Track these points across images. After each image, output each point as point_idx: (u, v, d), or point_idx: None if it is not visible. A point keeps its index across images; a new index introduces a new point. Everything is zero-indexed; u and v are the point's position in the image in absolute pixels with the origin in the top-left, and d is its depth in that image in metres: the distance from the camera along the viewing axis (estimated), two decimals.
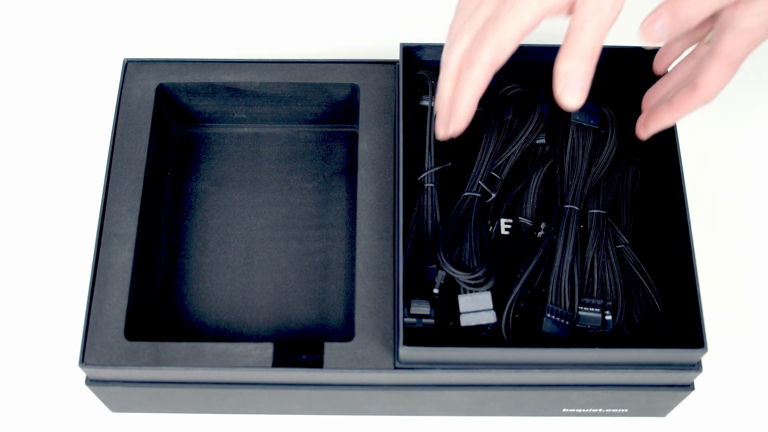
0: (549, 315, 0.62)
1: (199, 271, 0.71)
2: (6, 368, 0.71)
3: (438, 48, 0.69)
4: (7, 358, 0.72)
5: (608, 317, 0.62)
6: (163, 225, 0.72)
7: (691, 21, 0.54)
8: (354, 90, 0.72)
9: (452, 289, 0.63)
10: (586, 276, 0.64)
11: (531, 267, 0.63)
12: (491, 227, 0.66)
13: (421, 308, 0.62)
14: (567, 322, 0.62)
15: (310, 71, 0.72)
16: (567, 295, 0.62)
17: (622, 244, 0.65)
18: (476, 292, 0.62)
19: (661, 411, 0.68)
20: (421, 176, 0.65)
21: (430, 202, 0.65)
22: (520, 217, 0.66)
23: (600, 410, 0.67)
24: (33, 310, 0.73)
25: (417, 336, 0.63)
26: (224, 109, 0.74)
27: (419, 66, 0.70)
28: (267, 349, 0.62)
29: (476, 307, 0.61)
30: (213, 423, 0.69)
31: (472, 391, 0.63)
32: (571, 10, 0.53)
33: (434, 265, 0.63)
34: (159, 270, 0.70)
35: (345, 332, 0.68)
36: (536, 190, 0.66)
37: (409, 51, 0.69)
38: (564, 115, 0.67)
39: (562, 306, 0.62)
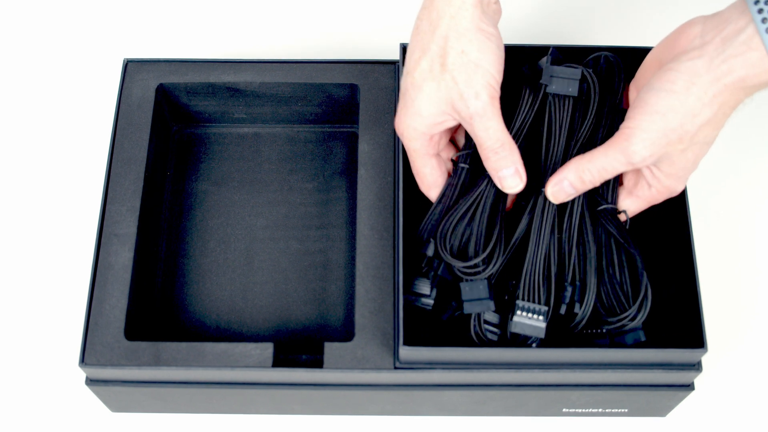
0: (520, 313, 0.59)
1: (199, 271, 0.71)
2: (6, 368, 0.71)
3: None
4: (8, 358, 0.72)
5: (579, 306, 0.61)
6: (163, 225, 0.72)
7: (595, 183, 0.60)
8: (354, 90, 0.72)
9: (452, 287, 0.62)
10: (559, 260, 0.61)
11: (507, 254, 0.61)
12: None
13: (422, 287, 0.62)
14: (540, 318, 0.59)
15: (310, 71, 0.72)
16: (541, 289, 0.60)
17: (604, 204, 0.62)
18: (474, 280, 0.60)
19: (661, 411, 0.68)
20: (457, 154, 0.64)
21: (457, 182, 0.63)
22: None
23: (600, 410, 0.67)
24: (33, 310, 0.73)
25: (417, 335, 0.63)
26: (224, 109, 0.74)
27: None
28: (267, 349, 0.62)
29: (476, 296, 0.60)
30: (213, 423, 0.69)
31: (472, 391, 0.63)
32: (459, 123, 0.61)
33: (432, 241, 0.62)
34: (159, 270, 0.70)
35: (345, 332, 0.68)
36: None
37: None
38: (539, 87, 0.63)
39: (536, 301, 0.60)
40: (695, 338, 0.60)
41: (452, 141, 0.66)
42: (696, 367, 0.61)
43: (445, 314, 0.63)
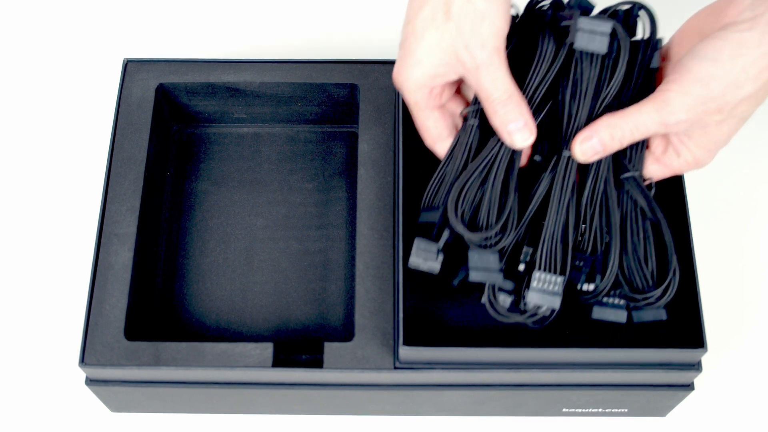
0: (536, 284, 0.57)
1: (199, 271, 0.71)
2: (6, 368, 0.71)
3: None
4: (8, 358, 0.72)
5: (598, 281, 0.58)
6: (163, 225, 0.72)
7: (624, 143, 0.57)
8: (354, 90, 0.72)
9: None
10: (580, 227, 0.58)
11: (522, 225, 0.58)
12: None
13: (429, 249, 0.59)
14: (556, 288, 0.57)
15: (310, 71, 0.72)
16: (559, 258, 0.57)
17: (630, 171, 0.59)
18: (485, 250, 0.58)
19: (661, 411, 0.68)
20: (467, 110, 0.60)
21: (467, 140, 0.59)
22: (535, 156, 0.61)
23: (600, 410, 0.67)
24: (33, 310, 0.73)
25: (417, 335, 0.63)
26: (224, 109, 0.74)
27: None
28: (267, 349, 0.62)
29: (484, 265, 0.57)
30: (213, 423, 0.69)
31: (472, 391, 0.63)
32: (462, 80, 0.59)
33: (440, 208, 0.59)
34: (159, 270, 0.70)
35: (345, 332, 0.68)
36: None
37: None
38: (564, 42, 0.58)
39: (553, 270, 0.57)
40: (695, 338, 0.60)
41: (459, 94, 0.62)
42: (696, 367, 0.61)
43: (455, 279, 0.60)
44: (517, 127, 0.57)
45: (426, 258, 0.59)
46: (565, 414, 0.68)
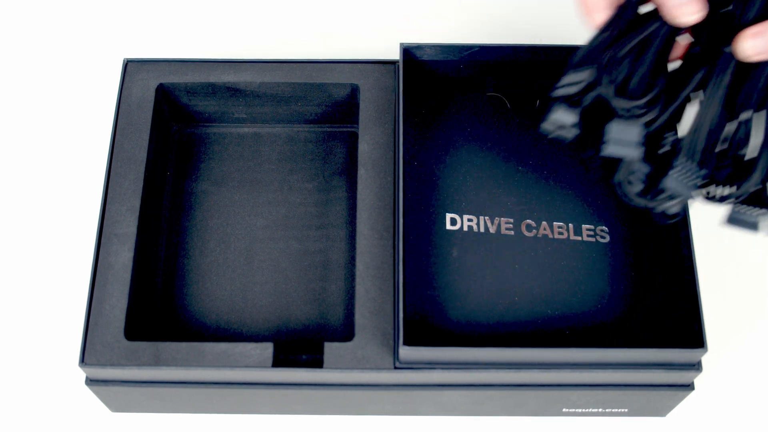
0: (673, 172, 0.54)
1: (199, 271, 0.71)
2: (6, 368, 0.71)
3: (438, 48, 0.69)
4: (8, 358, 0.72)
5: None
6: (163, 225, 0.72)
7: None
8: (354, 90, 0.72)
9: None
10: (729, 129, 0.55)
11: (674, 105, 0.55)
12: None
13: (566, 117, 0.56)
14: (693, 182, 0.54)
15: (310, 71, 0.72)
16: (702, 151, 0.54)
17: None
18: (629, 122, 0.55)
19: (661, 411, 0.68)
20: None
21: (624, 15, 0.56)
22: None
23: (600, 410, 0.67)
24: (33, 310, 0.73)
25: (417, 335, 0.63)
26: (224, 109, 0.74)
27: (419, 66, 0.70)
28: (267, 349, 0.62)
29: (625, 138, 0.55)
30: (213, 423, 0.69)
31: (472, 391, 0.63)
32: None
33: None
34: (159, 270, 0.70)
35: (345, 332, 0.68)
36: None
37: (409, 51, 0.69)
38: None
39: (693, 160, 0.54)
40: (695, 338, 0.60)
41: None
42: (696, 367, 0.61)
43: (586, 153, 0.58)
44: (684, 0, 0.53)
45: (561, 125, 0.57)
46: (565, 414, 0.68)
